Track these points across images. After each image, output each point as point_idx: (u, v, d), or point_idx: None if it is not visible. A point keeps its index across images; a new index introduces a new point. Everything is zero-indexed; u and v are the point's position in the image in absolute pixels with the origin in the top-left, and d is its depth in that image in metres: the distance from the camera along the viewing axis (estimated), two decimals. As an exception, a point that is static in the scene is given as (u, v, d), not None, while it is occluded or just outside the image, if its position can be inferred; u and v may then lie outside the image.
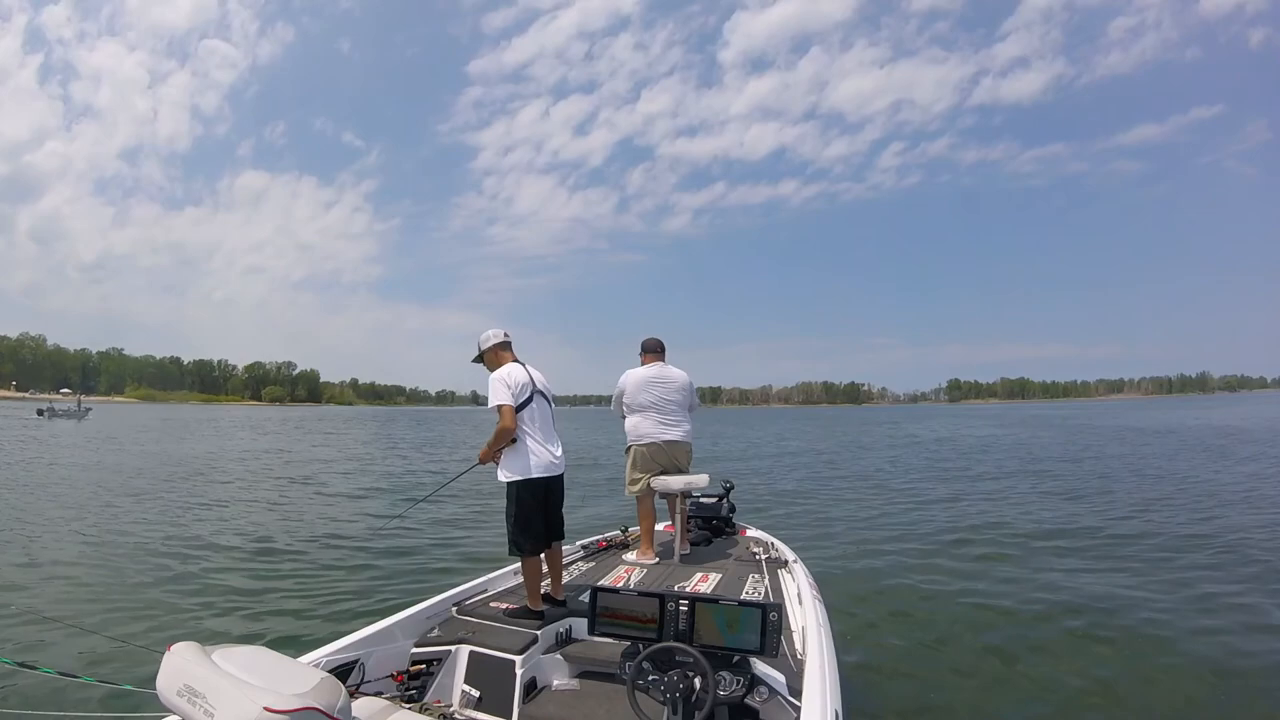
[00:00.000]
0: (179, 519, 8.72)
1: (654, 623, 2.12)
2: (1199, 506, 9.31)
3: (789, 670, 2.38)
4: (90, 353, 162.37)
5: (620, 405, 4.43)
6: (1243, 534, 7.35)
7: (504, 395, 3.09)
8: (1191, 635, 4.39)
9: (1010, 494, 11.06)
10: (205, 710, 1.43)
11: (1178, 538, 7.30)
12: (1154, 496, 10.32)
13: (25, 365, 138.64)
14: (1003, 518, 8.77)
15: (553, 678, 2.71)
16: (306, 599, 5.29)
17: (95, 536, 7.57)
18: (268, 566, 6.29)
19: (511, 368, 3.22)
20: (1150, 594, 5.26)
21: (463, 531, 8.07)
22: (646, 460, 4.22)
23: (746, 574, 3.69)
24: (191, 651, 1.58)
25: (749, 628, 2.05)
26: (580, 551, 4.24)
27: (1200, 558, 6.39)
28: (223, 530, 8.01)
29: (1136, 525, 8.12)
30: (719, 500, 4.92)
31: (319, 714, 1.44)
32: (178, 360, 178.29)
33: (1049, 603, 5.11)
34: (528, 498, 3.12)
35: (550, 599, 3.13)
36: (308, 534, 7.90)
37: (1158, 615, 4.78)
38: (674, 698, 1.94)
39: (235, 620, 4.78)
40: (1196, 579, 5.65)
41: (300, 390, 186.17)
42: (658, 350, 4.44)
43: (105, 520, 8.54)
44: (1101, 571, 5.96)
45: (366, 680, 2.43)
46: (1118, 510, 9.18)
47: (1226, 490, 10.78)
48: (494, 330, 3.36)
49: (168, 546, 7.04)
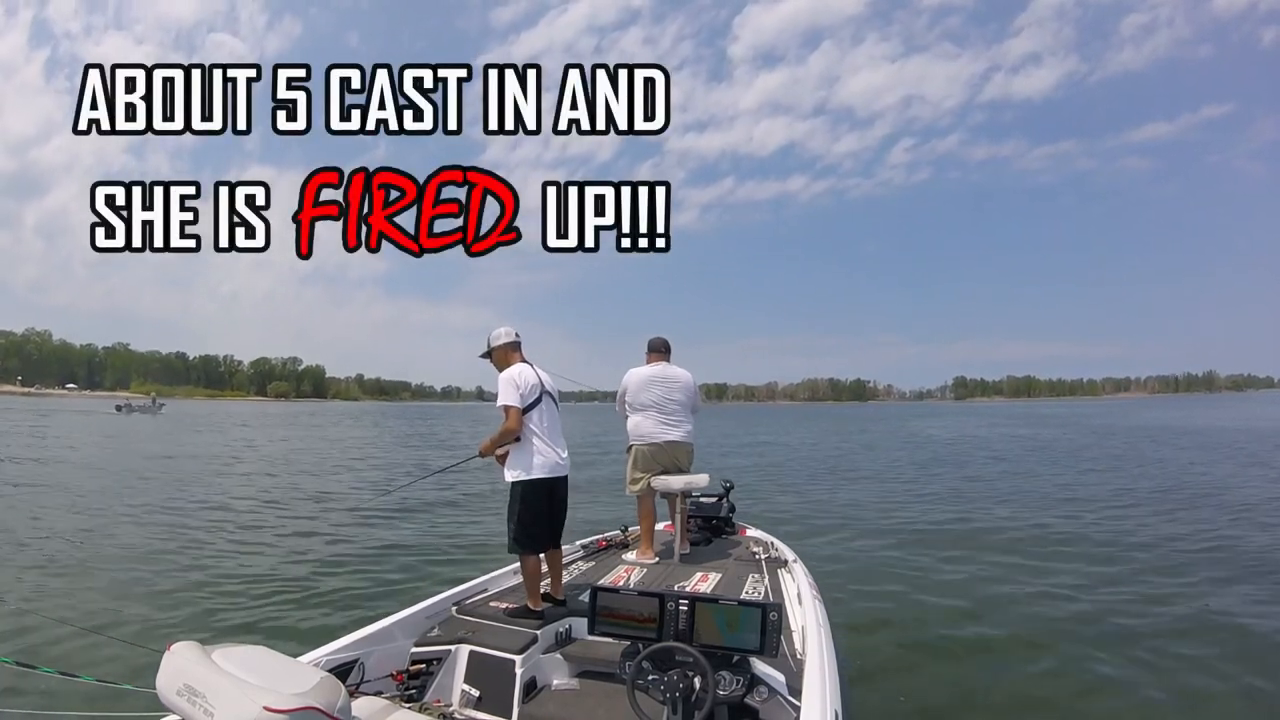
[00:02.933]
0: (180, 517, 8.75)
1: (654, 622, 2.12)
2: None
3: (789, 670, 2.38)
4: (96, 348, 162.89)
5: (623, 404, 4.43)
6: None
7: (512, 396, 3.11)
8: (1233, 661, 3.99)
9: (1023, 493, 11.04)
10: (205, 710, 1.44)
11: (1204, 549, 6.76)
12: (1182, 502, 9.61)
13: (31, 360, 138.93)
14: (1007, 519, 8.75)
15: (552, 677, 2.71)
16: (306, 598, 5.31)
17: (97, 533, 7.62)
18: (268, 565, 6.31)
19: (522, 368, 3.24)
20: (1169, 607, 4.99)
21: (463, 531, 8.09)
22: (647, 460, 4.22)
23: (746, 574, 3.69)
24: (191, 651, 1.58)
25: (749, 627, 2.05)
26: (580, 551, 4.25)
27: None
28: (223, 529, 8.04)
29: (1151, 531, 7.71)
30: (719, 500, 4.92)
31: (319, 713, 1.44)
32: (183, 355, 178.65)
33: (1051, 604, 5.10)
34: (532, 497, 3.14)
35: (550, 598, 3.14)
36: (308, 534, 7.93)
37: (1176, 625, 4.60)
38: (674, 697, 1.94)
39: (235, 620, 4.80)
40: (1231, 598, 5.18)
41: (305, 386, 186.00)
42: (663, 350, 4.43)
43: (105, 518, 8.59)
44: (1110, 580, 5.87)
45: (366, 680, 2.43)
46: (1124, 510, 9.16)
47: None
48: (504, 329, 3.37)
49: (169, 545, 7.07)
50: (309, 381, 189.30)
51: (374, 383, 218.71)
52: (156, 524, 8.15)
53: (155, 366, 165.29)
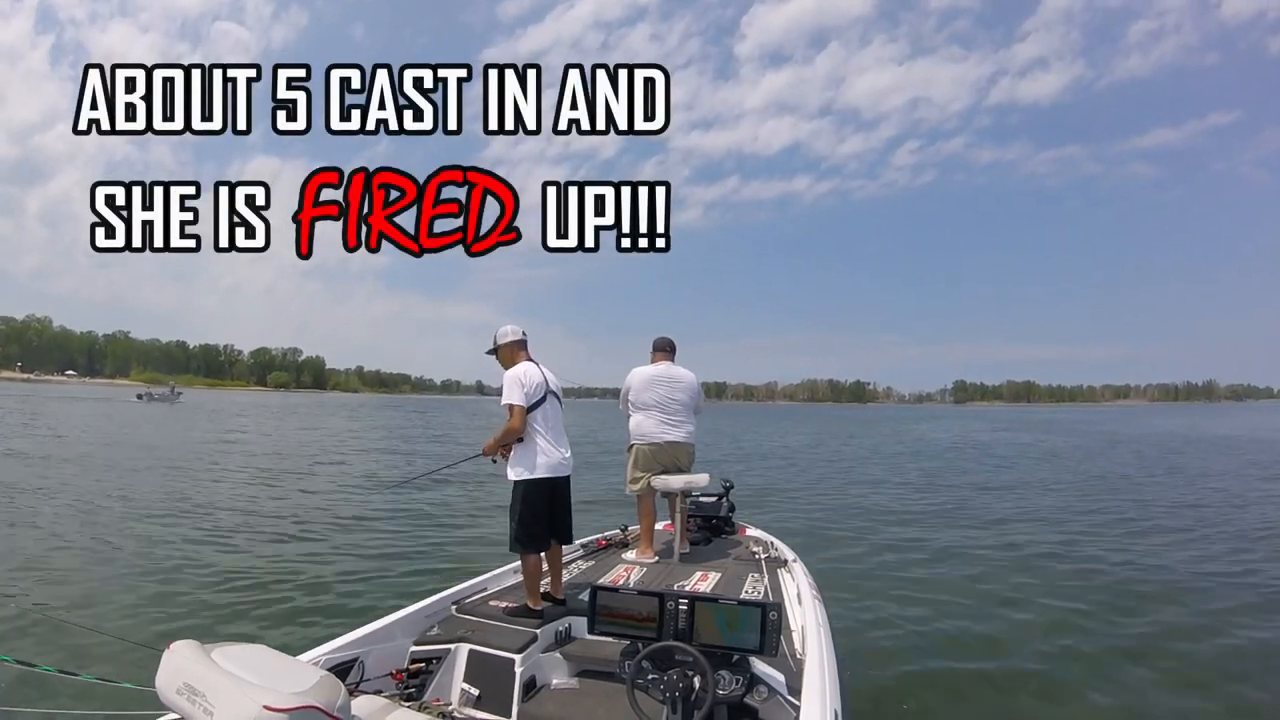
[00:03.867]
0: (181, 516, 8.75)
1: (653, 622, 2.12)
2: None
3: (788, 670, 2.38)
4: (96, 335, 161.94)
5: (626, 402, 4.43)
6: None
7: (517, 395, 3.12)
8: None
9: (1024, 499, 11.05)
10: (205, 709, 1.44)
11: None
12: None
13: (31, 347, 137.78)
14: (1008, 524, 8.76)
15: (552, 676, 2.72)
16: (306, 597, 5.30)
17: (99, 530, 7.61)
18: (268, 565, 6.31)
19: (528, 367, 3.24)
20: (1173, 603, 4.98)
21: (463, 530, 8.09)
22: (648, 459, 4.22)
23: (746, 573, 3.70)
24: (191, 650, 1.58)
25: (748, 627, 2.05)
26: (580, 550, 4.24)
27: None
28: (224, 528, 8.03)
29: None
30: (719, 499, 4.92)
31: (318, 712, 1.44)
32: (183, 344, 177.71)
33: (1052, 608, 5.10)
34: (534, 496, 3.15)
35: (550, 597, 3.14)
36: (308, 532, 7.93)
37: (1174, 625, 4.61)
38: (673, 697, 1.94)
39: (235, 618, 4.80)
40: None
41: (305, 376, 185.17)
42: (668, 349, 4.43)
43: (108, 514, 8.58)
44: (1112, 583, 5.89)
45: (366, 679, 2.43)
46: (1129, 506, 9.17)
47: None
48: (512, 327, 3.37)
49: (169, 544, 7.07)
50: (309, 372, 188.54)
51: (374, 375, 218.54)
52: (156, 523, 8.14)
53: (155, 355, 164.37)
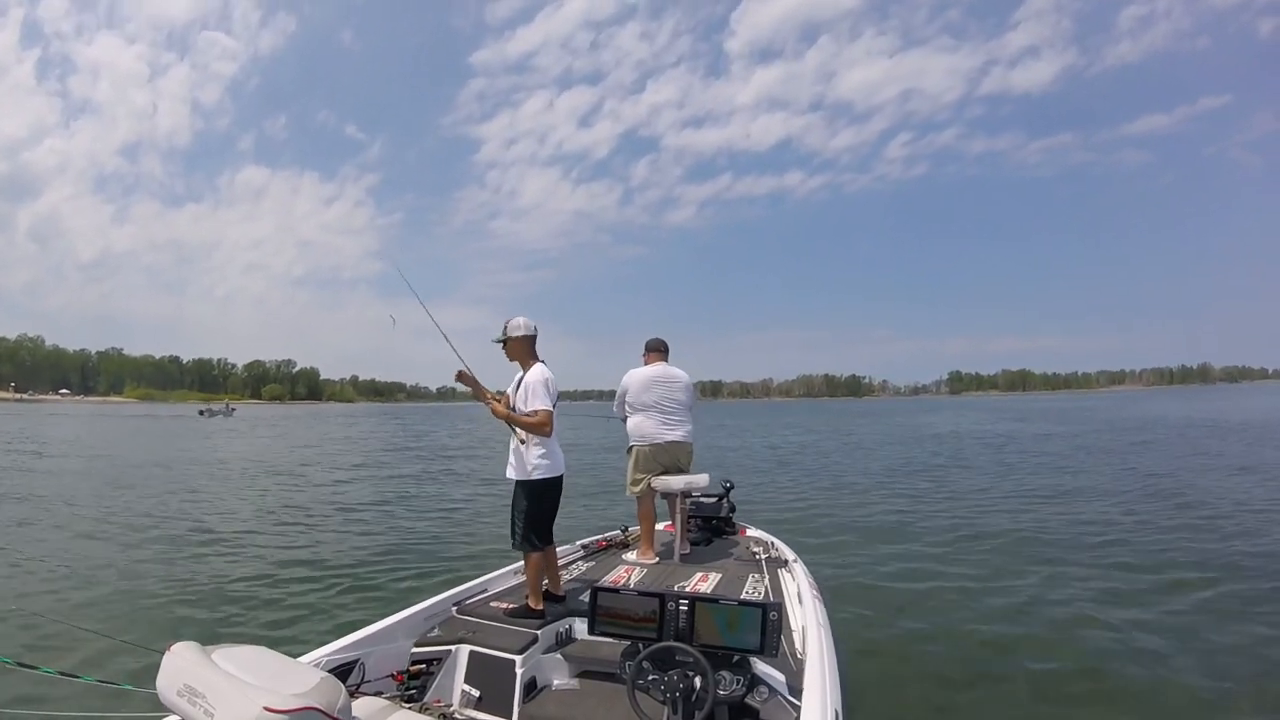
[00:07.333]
0: (182, 519, 8.72)
1: (654, 622, 2.12)
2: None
3: (789, 670, 2.38)
4: (89, 353, 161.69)
5: (623, 405, 4.42)
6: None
7: (547, 400, 3.17)
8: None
9: (1024, 489, 11.06)
10: (205, 710, 1.43)
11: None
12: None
13: (24, 367, 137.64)
14: (1009, 519, 8.76)
15: (553, 677, 2.71)
16: (306, 598, 5.29)
17: (102, 531, 7.58)
18: (268, 565, 6.29)
19: (546, 372, 3.27)
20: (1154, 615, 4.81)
21: (463, 529, 8.08)
22: (648, 460, 4.22)
23: (746, 574, 3.70)
24: (191, 651, 1.58)
25: (749, 627, 2.05)
26: (580, 551, 4.24)
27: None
28: (224, 526, 8.02)
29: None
30: (719, 500, 4.92)
31: (319, 714, 1.44)
32: (177, 359, 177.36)
33: (1056, 604, 5.10)
34: (548, 496, 3.21)
35: (550, 595, 3.16)
36: (309, 531, 7.91)
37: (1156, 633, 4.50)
38: (674, 697, 1.94)
39: (235, 620, 4.78)
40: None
41: (300, 388, 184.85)
42: (661, 350, 4.45)
43: (109, 514, 8.55)
44: (1120, 576, 5.87)
45: (366, 680, 2.43)
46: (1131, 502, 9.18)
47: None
48: (523, 319, 3.32)
49: (170, 543, 7.05)
50: (304, 383, 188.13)
51: (369, 384, 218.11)
52: (158, 524, 8.13)
53: (149, 370, 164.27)
